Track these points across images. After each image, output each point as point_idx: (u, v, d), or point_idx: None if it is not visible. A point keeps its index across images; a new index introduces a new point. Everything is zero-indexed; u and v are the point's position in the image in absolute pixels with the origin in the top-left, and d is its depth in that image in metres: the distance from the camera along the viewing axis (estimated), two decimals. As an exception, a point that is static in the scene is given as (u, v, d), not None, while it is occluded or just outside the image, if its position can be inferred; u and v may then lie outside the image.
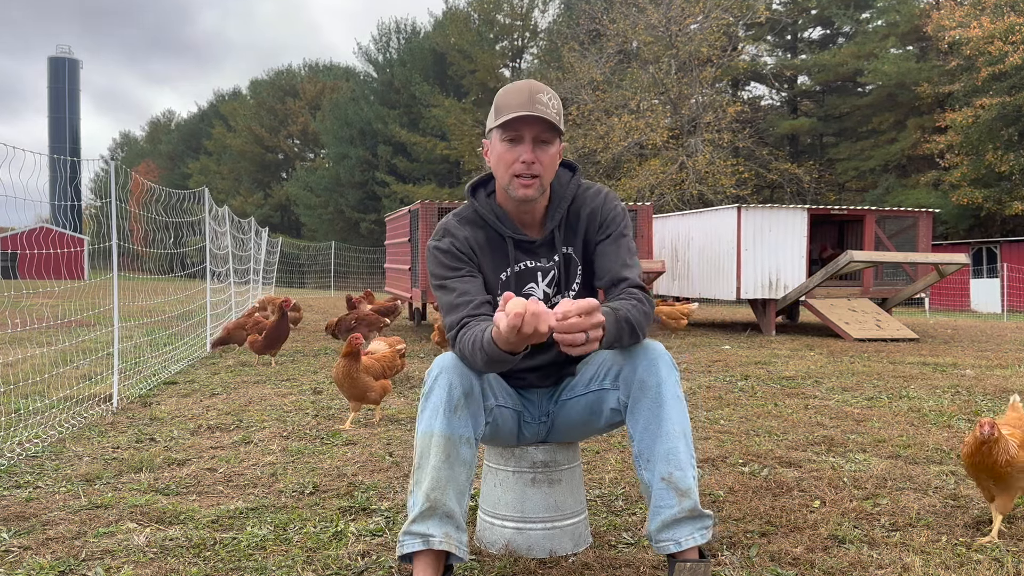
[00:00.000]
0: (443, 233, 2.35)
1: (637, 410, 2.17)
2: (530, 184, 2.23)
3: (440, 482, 2.05)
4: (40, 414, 4.62)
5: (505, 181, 2.26)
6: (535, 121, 2.18)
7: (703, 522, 2.11)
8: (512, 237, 2.35)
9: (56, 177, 4.61)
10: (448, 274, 2.28)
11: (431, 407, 2.12)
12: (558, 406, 2.44)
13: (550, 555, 2.56)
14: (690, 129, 28.14)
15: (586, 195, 2.41)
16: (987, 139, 25.12)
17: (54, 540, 2.66)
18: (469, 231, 2.35)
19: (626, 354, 2.22)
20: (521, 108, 2.16)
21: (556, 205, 2.38)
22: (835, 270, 10.66)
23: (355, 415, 4.73)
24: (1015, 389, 6.15)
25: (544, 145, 2.23)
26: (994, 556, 2.54)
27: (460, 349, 2.11)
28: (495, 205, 2.37)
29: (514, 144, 2.22)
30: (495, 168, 2.30)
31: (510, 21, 41.15)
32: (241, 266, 13.24)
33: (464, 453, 2.10)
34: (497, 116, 2.22)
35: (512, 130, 2.20)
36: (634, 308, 2.15)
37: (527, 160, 2.20)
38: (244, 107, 60.51)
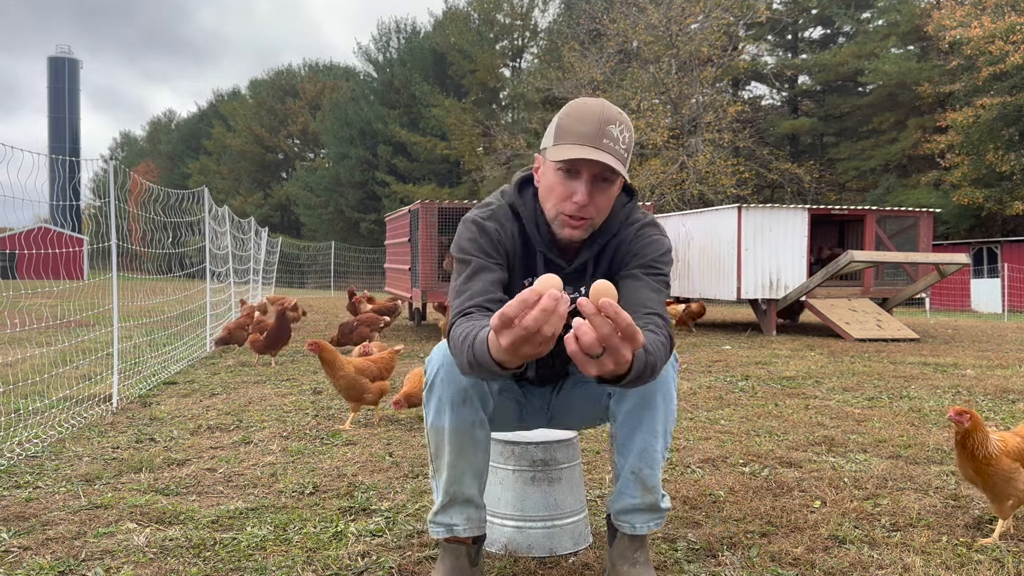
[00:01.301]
0: (491, 215, 2.13)
1: (624, 397, 2.10)
2: (578, 226, 2.01)
3: (456, 475, 2.09)
4: (40, 414, 4.62)
5: (552, 214, 2.03)
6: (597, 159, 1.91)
7: (660, 513, 2.22)
8: (544, 253, 2.13)
9: (55, 177, 4.60)
10: (476, 255, 2.05)
11: (436, 402, 2.05)
12: (559, 397, 2.36)
13: (550, 554, 2.56)
14: (690, 129, 28.14)
15: (625, 226, 2.15)
16: (988, 139, 25.11)
17: (54, 540, 2.66)
18: (515, 226, 2.13)
19: None
20: (585, 141, 1.91)
21: (599, 235, 2.12)
22: (836, 270, 10.66)
23: (354, 415, 4.73)
24: (1016, 389, 6.14)
25: (603, 184, 1.97)
26: (995, 556, 2.54)
27: (452, 339, 1.85)
28: (538, 212, 2.11)
29: (570, 177, 1.96)
30: (543, 196, 2.06)
31: (510, 21, 41.16)
32: (241, 266, 13.24)
33: (477, 435, 2.07)
34: (556, 140, 1.97)
35: (568, 163, 1.94)
36: (660, 347, 1.83)
37: (580, 202, 1.95)
38: (244, 107, 60.51)
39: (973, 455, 2.66)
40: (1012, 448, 2.67)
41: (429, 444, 2.12)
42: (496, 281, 2.02)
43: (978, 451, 2.65)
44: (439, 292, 10.15)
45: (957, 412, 2.69)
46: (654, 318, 1.94)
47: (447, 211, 10.35)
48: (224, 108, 62.52)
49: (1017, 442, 2.70)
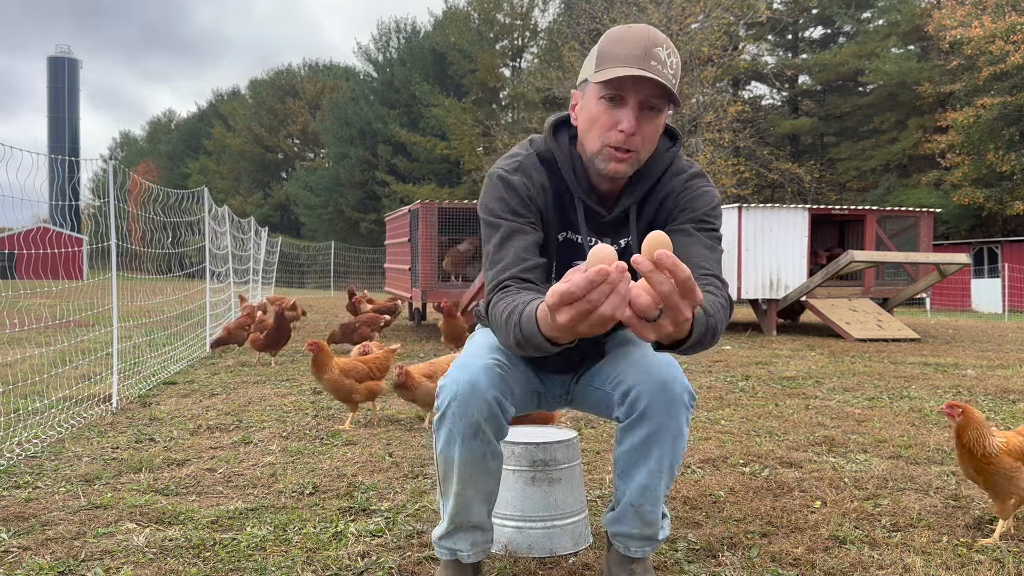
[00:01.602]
0: (517, 167, 1.95)
1: (632, 430, 1.94)
2: (624, 159, 1.83)
3: (464, 504, 2.02)
4: (39, 414, 4.61)
5: (595, 148, 1.85)
6: (645, 82, 1.75)
7: (656, 542, 2.15)
8: (583, 200, 1.96)
9: (54, 177, 4.60)
10: (506, 216, 1.88)
11: (446, 433, 1.91)
12: (578, 386, 2.20)
13: (550, 554, 2.56)
14: (691, 129, 28.13)
15: (671, 175, 1.98)
16: (988, 139, 25.12)
17: (53, 540, 2.65)
18: (547, 177, 1.96)
19: (645, 376, 1.91)
20: (632, 64, 1.74)
21: (641, 179, 1.95)
22: (836, 270, 10.65)
23: (353, 415, 4.72)
24: (1016, 389, 6.14)
25: (651, 113, 1.81)
26: (995, 557, 2.53)
27: (493, 316, 1.74)
28: (575, 156, 1.95)
29: (614, 105, 1.79)
30: (584, 131, 1.88)
31: (510, 20, 41.15)
32: (241, 266, 13.23)
33: (490, 465, 1.97)
34: (599, 66, 1.80)
35: (614, 88, 1.78)
36: (720, 309, 1.68)
37: (627, 130, 1.78)
38: (244, 107, 60.53)
39: (971, 452, 2.66)
40: (1014, 447, 2.67)
41: (438, 467, 2.03)
42: (530, 245, 1.87)
43: (975, 448, 2.65)
44: (439, 292, 10.15)
45: (949, 406, 2.71)
46: (712, 279, 1.78)
47: (447, 211, 10.35)
48: (224, 108, 62.54)
49: (1020, 441, 2.70)
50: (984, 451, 2.64)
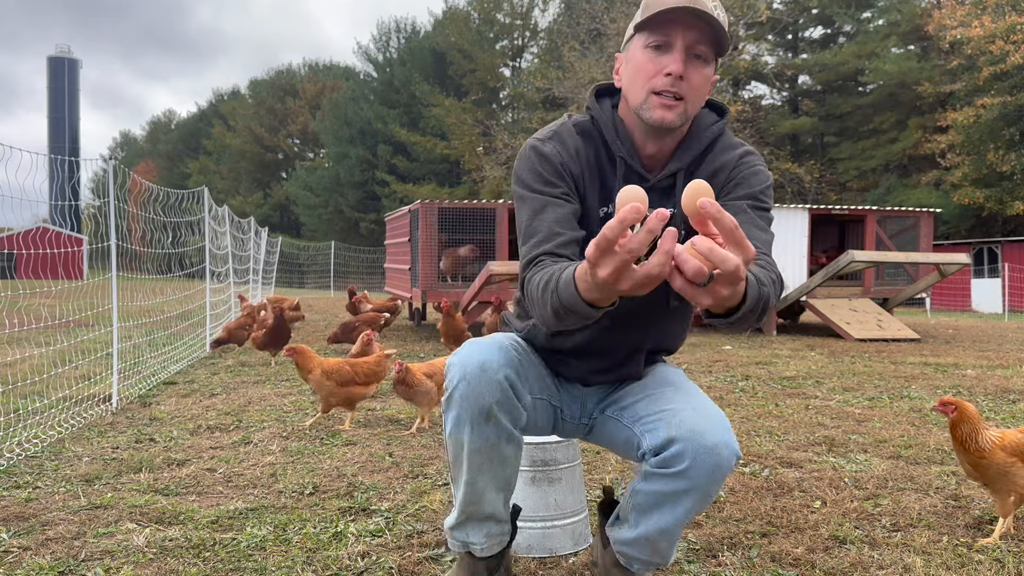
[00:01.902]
0: (551, 135, 1.86)
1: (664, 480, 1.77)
2: (673, 106, 1.72)
3: (475, 493, 1.89)
4: (39, 414, 4.61)
5: (640, 98, 1.75)
6: (694, 25, 1.68)
7: (663, 567, 2.04)
8: (624, 159, 1.83)
9: (54, 177, 4.60)
10: (539, 187, 1.79)
11: (455, 415, 1.81)
12: (603, 417, 2.03)
13: (550, 554, 2.56)
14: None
15: (722, 149, 1.89)
16: (988, 139, 25.13)
17: (53, 540, 2.65)
18: (583, 144, 1.86)
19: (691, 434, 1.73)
20: (679, 2, 1.65)
21: (688, 145, 1.85)
22: (836, 270, 10.65)
23: (352, 415, 4.72)
24: (1016, 389, 6.14)
25: (698, 61, 1.72)
26: (995, 557, 2.53)
27: (529, 292, 1.65)
28: (617, 119, 1.86)
29: (660, 52, 1.71)
30: (629, 84, 1.79)
31: (510, 20, 41.18)
32: (241, 266, 13.23)
33: (505, 451, 1.84)
34: (644, 13, 1.73)
35: (660, 33, 1.70)
36: (772, 283, 1.56)
37: (675, 71, 1.69)
38: (244, 107, 60.58)
39: (965, 447, 2.69)
40: (1010, 443, 2.68)
41: (447, 450, 1.91)
42: (564, 217, 1.76)
43: (968, 443, 2.68)
44: (439, 292, 10.15)
45: (942, 402, 2.74)
46: (763, 258, 1.67)
47: (447, 211, 10.35)
48: (224, 108, 62.59)
49: (1017, 437, 2.70)
50: (976, 446, 2.67)
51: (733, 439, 1.74)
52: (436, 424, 4.71)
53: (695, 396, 1.86)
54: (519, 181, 1.84)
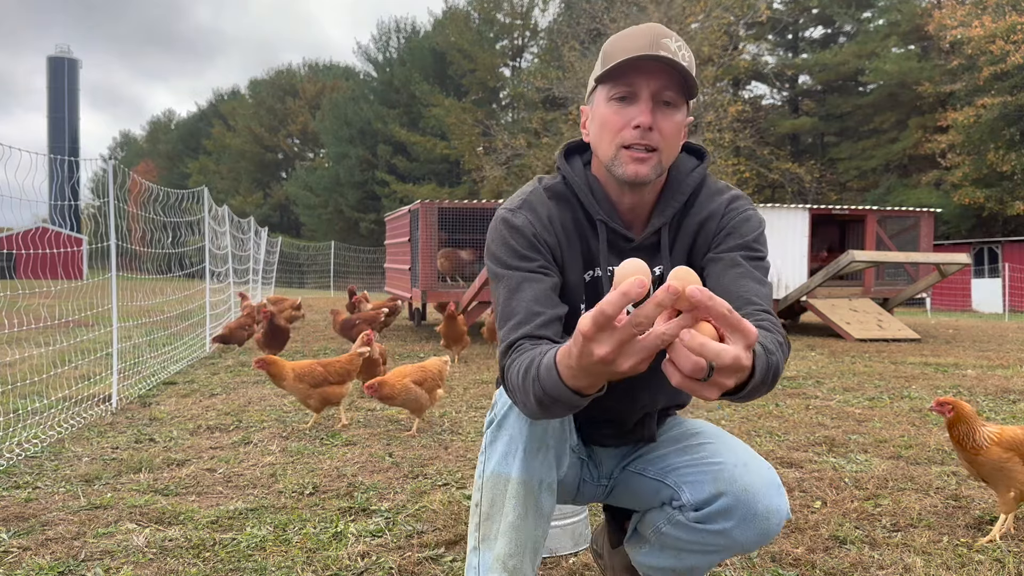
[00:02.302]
0: (521, 204, 1.72)
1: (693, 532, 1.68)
2: (645, 159, 1.60)
3: (519, 546, 1.61)
4: (39, 414, 4.61)
5: (610, 154, 1.64)
6: (658, 71, 1.56)
7: None
8: (605, 223, 1.71)
9: (54, 177, 4.59)
10: (514, 262, 1.65)
11: (506, 441, 1.62)
12: (624, 475, 1.91)
13: (551, 554, 2.55)
14: (691, 128, 28.12)
15: (708, 196, 1.77)
16: (989, 139, 25.13)
17: (53, 541, 2.65)
18: (557, 209, 1.72)
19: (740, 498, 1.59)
20: (640, 51, 1.55)
21: (670, 197, 1.73)
22: (836, 270, 10.65)
23: (344, 415, 4.69)
24: (1016, 389, 6.14)
25: (667, 108, 1.60)
26: (995, 557, 2.53)
27: (509, 380, 1.49)
28: (591, 178, 1.74)
29: (625, 104, 1.60)
30: (597, 139, 1.68)
31: (510, 20, 41.17)
32: (241, 266, 13.23)
33: (544, 503, 1.64)
34: (604, 64, 1.62)
35: (624, 83, 1.59)
36: (779, 347, 1.43)
37: (643, 123, 1.57)
38: (243, 106, 60.55)
39: (962, 446, 2.72)
40: (1007, 438, 2.70)
41: (480, 501, 1.65)
42: (543, 294, 1.61)
43: (965, 441, 2.71)
44: (439, 292, 10.15)
45: (939, 403, 2.76)
46: (766, 317, 1.54)
47: (447, 211, 10.35)
48: (224, 108, 62.57)
49: (1014, 433, 2.72)
50: (974, 443, 2.70)
51: (785, 502, 1.61)
52: (434, 424, 4.71)
53: (740, 449, 1.71)
54: (491, 257, 1.69)
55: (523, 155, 30.15)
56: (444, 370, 4.70)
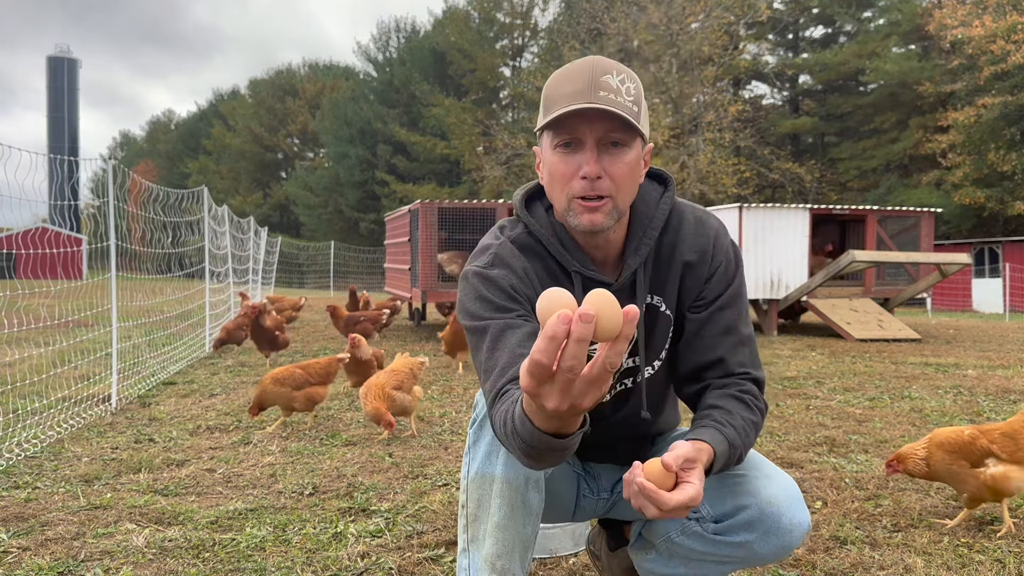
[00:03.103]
0: (494, 260, 1.65)
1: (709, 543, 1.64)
2: (597, 207, 1.54)
3: (506, 545, 1.59)
4: (39, 415, 4.61)
5: (563, 205, 1.59)
6: (599, 116, 1.49)
7: None
8: (580, 272, 1.66)
9: (54, 177, 4.59)
10: (490, 315, 1.57)
11: (488, 441, 1.60)
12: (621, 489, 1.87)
13: (551, 555, 2.55)
14: (691, 128, 28.14)
15: (684, 226, 1.71)
16: (989, 138, 25.13)
17: (53, 541, 2.65)
18: (528, 262, 1.66)
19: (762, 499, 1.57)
20: (576, 98, 1.48)
21: (640, 233, 1.68)
22: (837, 270, 10.64)
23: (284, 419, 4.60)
24: (1017, 389, 6.13)
25: (616, 149, 1.53)
26: (996, 557, 2.53)
27: (496, 434, 1.45)
28: (557, 226, 1.67)
29: (571, 151, 1.54)
30: (549, 188, 1.63)
31: (510, 20, 41.18)
32: (240, 266, 13.23)
33: (531, 500, 1.60)
34: (545, 112, 1.56)
35: (565, 131, 1.52)
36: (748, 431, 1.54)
37: (590, 174, 1.51)
38: (243, 106, 60.54)
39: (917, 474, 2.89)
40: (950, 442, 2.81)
41: (467, 502, 1.63)
42: (526, 338, 1.52)
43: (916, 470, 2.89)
44: (439, 292, 10.15)
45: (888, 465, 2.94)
46: (747, 383, 1.61)
47: (447, 211, 10.34)
48: (223, 107, 62.56)
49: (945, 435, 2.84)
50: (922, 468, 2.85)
51: (808, 515, 1.59)
52: (434, 424, 4.71)
53: (760, 461, 1.67)
54: (468, 314, 1.61)
55: (523, 155, 30.14)
56: (417, 368, 4.66)
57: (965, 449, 2.74)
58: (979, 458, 2.72)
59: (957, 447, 2.75)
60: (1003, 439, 2.73)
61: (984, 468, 2.72)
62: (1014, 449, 2.71)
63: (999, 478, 2.68)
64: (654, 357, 1.73)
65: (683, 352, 1.71)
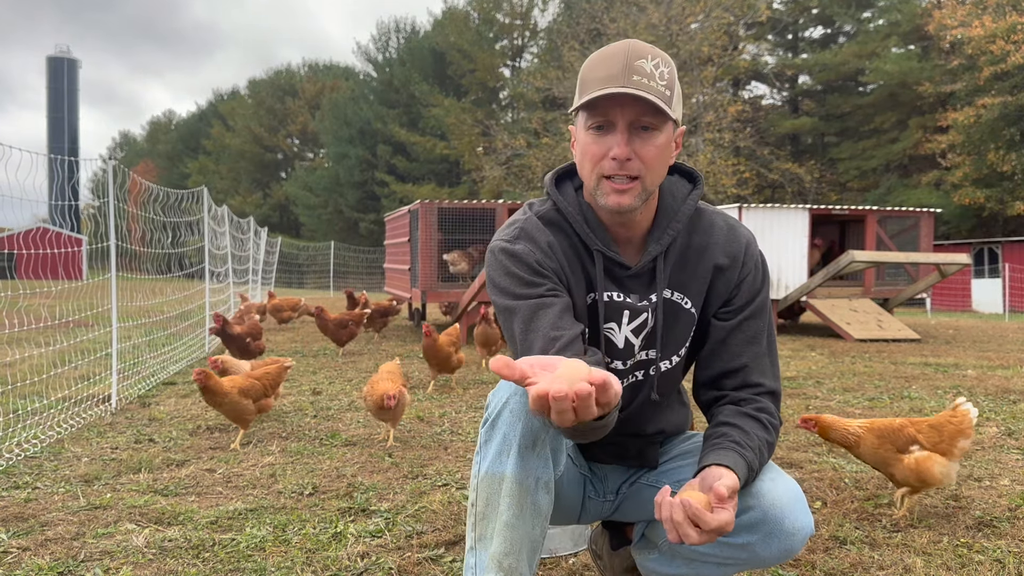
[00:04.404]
0: (518, 233, 1.72)
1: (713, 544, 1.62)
2: (626, 189, 1.60)
3: (514, 544, 1.58)
4: (39, 415, 4.61)
5: (592, 183, 1.64)
6: (630, 101, 1.55)
7: None
8: (602, 252, 1.72)
9: (54, 177, 4.59)
10: (522, 291, 1.64)
11: (499, 440, 1.59)
12: (635, 488, 1.89)
13: (551, 555, 2.55)
14: (691, 129, 28.13)
15: (716, 231, 1.77)
16: (989, 139, 25.13)
17: (53, 541, 2.65)
18: (553, 237, 1.73)
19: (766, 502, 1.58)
20: (610, 82, 1.54)
21: (666, 222, 1.73)
22: (836, 270, 10.64)
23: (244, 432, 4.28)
24: (1016, 390, 6.14)
25: (646, 133, 1.59)
26: (996, 557, 2.53)
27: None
28: (584, 204, 1.73)
29: (603, 133, 1.60)
30: (580, 166, 1.69)
31: (510, 20, 41.19)
32: (240, 266, 13.23)
33: (540, 501, 1.60)
34: (580, 94, 1.61)
35: (599, 113, 1.58)
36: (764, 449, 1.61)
37: (619, 156, 1.57)
38: (243, 106, 60.53)
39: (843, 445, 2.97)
40: (876, 427, 2.93)
41: (476, 501, 1.62)
42: (558, 316, 1.60)
43: (843, 442, 2.95)
44: (439, 292, 10.15)
45: (804, 420, 2.98)
46: (763, 400, 1.68)
47: (447, 211, 10.34)
48: (223, 108, 62.56)
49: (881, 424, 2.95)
50: (848, 441, 2.94)
51: (811, 519, 1.60)
52: (433, 424, 4.70)
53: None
54: (497, 290, 1.68)
55: (523, 155, 30.16)
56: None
57: (894, 435, 2.90)
58: (904, 444, 2.89)
59: (887, 433, 2.91)
60: (929, 430, 2.92)
61: (909, 454, 2.88)
62: (937, 440, 2.88)
63: (921, 460, 2.85)
64: (672, 352, 1.78)
65: (706, 358, 1.78)
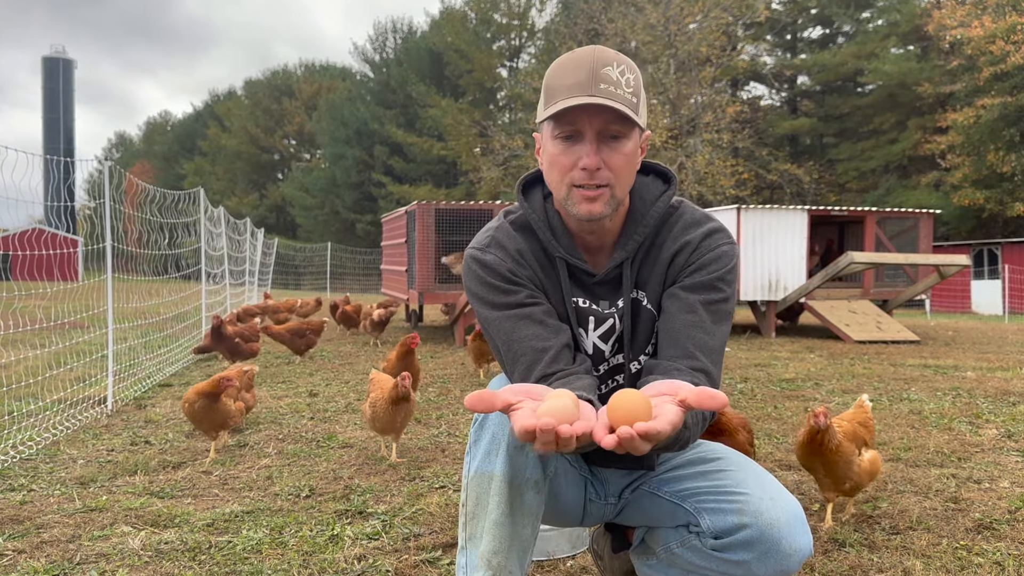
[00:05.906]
0: (489, 241, 1.73)
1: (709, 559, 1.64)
2: (596, 196, 1.59)
3: (502, 543, 1.58)
4: (34, 417, 4.59)
5: (562, 193, 1.64)
6: (599, 110, 1.54)
7: None
8: (565, 260, 1.71)
9: (50, 178, 4.58)
10: (499, 299, 1.67)
11: (488, 440, 1.60)
12: (636, 494, 1.86)
13: (548, 557, 2.54)
14: (689, 129, 28.14)
15: (679, 223, 1.74)
16: (989, 139, 25.14)
17: (48, 543, 2.64)
18: (525, 242, 1.73)
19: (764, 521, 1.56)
20: (577, 91, 1.53)
21: (634, 227, 1.72)
22: (835, 271, 10.64)
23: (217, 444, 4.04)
24: (1016, 391, 6.13)
25: (615, 142, 1.58)
26: (995, 560, 2.52)
27: None
28: (550, 212, 1.73)
29: (571, 143, 1.59)
30: (548, 175, 1.67)
31: (507, 20, 41.16)
32: (237, 267, 13.21)
33: (529, 501, 1.60)
34: (547, 103, 1.60)
35: (566, 123, 1.57)
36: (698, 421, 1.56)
37: (589, 166, 1.56)
38: (239, 107, 60.46)
39: (825, 447, 2.82)
40: (848, 432, 2.88)
41: (466, 501, 1.63)
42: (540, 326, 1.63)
43: (829, 443, 2.81)
44: (436, 293, 10.13)
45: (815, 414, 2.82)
46: (701, 376, 1.58)
47: (444, 212, 10.33)
48: (219, 108, 62.49)
49: (848, 428, 2.91)
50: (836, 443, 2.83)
51: (810, 540, 1.58)
52: (431, 426, 4.69)
53: (767, 480, 1.66)
54: (474, 298, 1.71)
55: (520, 156, 30.14)
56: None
57: (855, 437, 2.90)
58: (860, 445, 2.90)
59: (851, 435, 2.89)
60: (864, 429, 2.97)
61: (861, 456, 2.89)
62: (870, 437, 2.97)
63: (873, 460, 2.90)
64: (640, 351, 1.75)
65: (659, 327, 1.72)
